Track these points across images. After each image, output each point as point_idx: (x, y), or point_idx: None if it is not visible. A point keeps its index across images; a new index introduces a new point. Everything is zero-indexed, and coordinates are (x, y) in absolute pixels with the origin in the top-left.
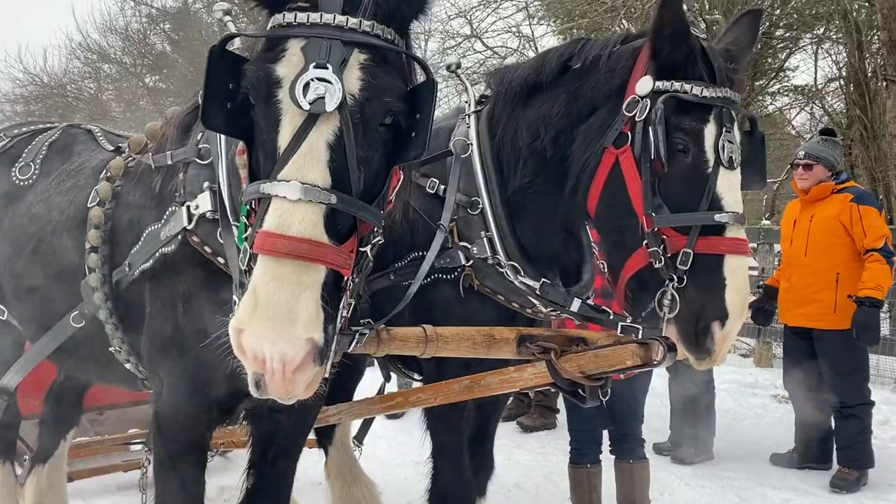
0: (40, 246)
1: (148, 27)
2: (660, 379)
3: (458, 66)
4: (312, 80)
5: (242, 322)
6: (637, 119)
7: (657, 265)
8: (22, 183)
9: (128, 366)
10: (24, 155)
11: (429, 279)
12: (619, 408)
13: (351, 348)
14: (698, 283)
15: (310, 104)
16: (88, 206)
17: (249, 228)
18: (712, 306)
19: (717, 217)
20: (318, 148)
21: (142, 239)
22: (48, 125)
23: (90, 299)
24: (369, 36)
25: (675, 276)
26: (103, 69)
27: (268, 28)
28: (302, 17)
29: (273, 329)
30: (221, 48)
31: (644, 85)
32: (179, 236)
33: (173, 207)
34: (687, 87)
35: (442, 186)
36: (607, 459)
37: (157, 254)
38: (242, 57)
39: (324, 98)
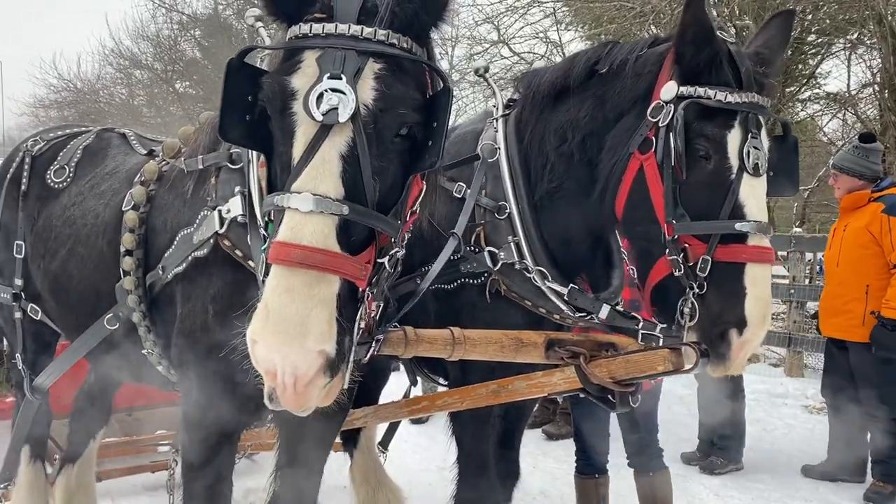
0: (75, 248)
1: (179, 34)
2: (688, 388)
3: (486, 69)
4: (326, 91)
5: (255, 333)
6: (661, 125)
7: (677, 273)
8: (57, 185)
9: (159, 368)
10: (59, 158)
11: (455, 284)
12: (637, 418)
13: (369, 355)
14: (718, 290)
15: (323, 115)
16: (123, 209)
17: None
18: (730, 313)
19: (739, 226)
20: (330, 159)
21: (175, 242)
22: (83, 129)
23: (124, 302)
24: (384, 45)
25: (694, 284)
26: (135, 75)
27: (286, 40)
28: (317, 28)
29: (284, 342)
30: (239, 61)
31: (668, 90)
32: (211, 240)
33: (205, 212)
34: (711, 92)
35: (469, 190)
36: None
37: (189, 257)
38: (260, 69)
39: (337, 109)
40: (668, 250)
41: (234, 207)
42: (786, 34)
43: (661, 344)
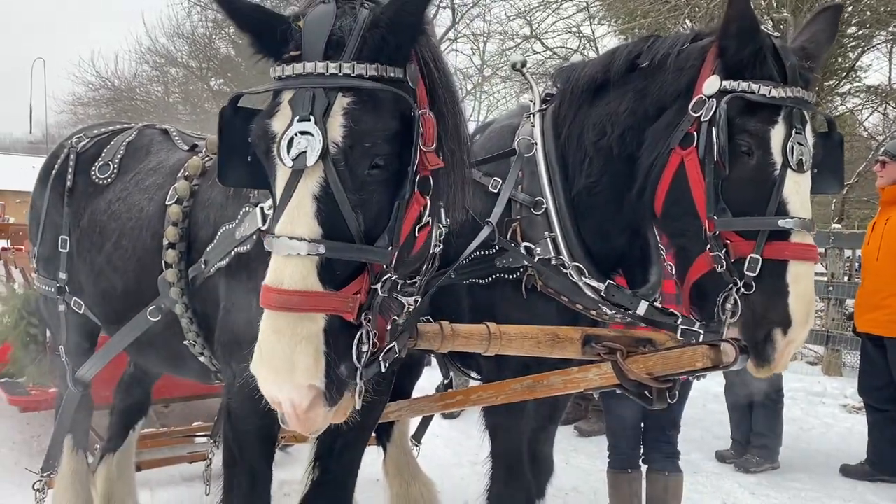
0: (119, 242)
1: (213, 32)
2: (723, 386)
3: (524, 64)
4: (296, 134)
5: (255, 368)
6: (703, 120)
7: (719, 269)
8: (101, 181)
9: (201, 359)
10: (103, 154)
11: (490, 278)
12: (655, 415)
13: (373, 371)
14: (762, 289)
15: (293, 160)
16: (167, 203)
17: None
18: (775, 313)
19: (782, 222)
20: (304, 202)
21: (217, 237)
22: (125, 125)
23: (167, 294)
24: (351, 79)
25: (739, 282)
26: (170, 73)
27: (272, 79)
28: (288, 69)
29: (277, 378)
30: (232, 108)
31: (711, 85)
32: (254, 236)
33: (247, 208)
34: (754, 86)
35: (504, 185)
36: None
37: (232, 252)
38: (254, 110)
39: (305, 152)
40: (709, 246)
41: None
42: (833, 29)
43: (700, 340)
